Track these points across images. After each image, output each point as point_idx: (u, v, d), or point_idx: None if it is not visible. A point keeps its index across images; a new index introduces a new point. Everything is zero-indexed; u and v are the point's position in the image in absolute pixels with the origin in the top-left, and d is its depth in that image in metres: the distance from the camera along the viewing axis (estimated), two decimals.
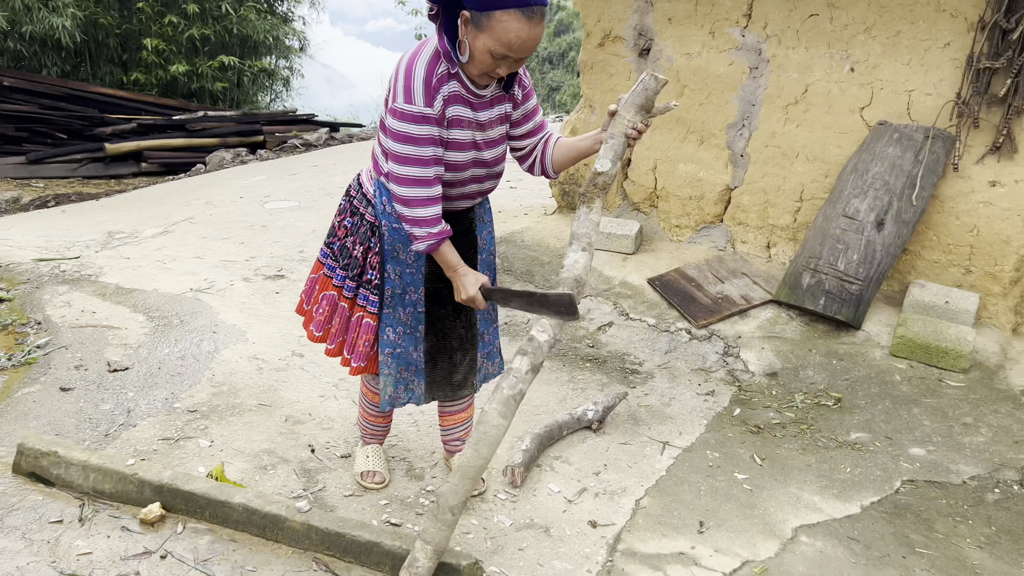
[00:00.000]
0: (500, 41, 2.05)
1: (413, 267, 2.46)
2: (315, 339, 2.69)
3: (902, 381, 3.69)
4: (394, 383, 2.60)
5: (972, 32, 3.77)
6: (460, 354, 2.63)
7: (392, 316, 2.51)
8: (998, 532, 2.84)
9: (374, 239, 2.47)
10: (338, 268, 2.59)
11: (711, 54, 4.51)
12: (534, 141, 2.49)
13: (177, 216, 6.63)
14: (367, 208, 2.49)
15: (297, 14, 19.28)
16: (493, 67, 2.14)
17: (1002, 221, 3.87)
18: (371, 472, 2.88)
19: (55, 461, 2.63)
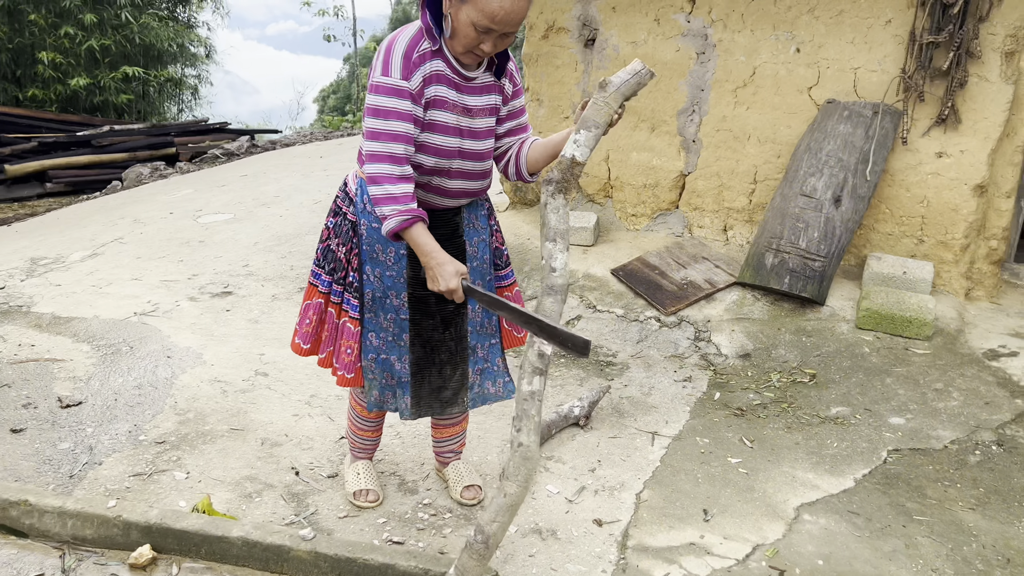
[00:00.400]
0: (483, 12, 1.97)
1: (393, 270, 2.33)
2: (303, 352, 2.53)
3: (871, 353, 3.78)
4: (379, 388, 2.47)
5: (912, 8, 3.88)
6: (450, 368, 2.48)
7: (373, 321, 2.39)
8: (986, 493, 2.92)
9: (355, 239, 2.35)
10: (323, 274, 2.47)
11: (657, 41, 4.52)
12: (513, 141, 2.40)
13: (104, 237, 6.28)
14: (349, 207, 2.37)
15: (200, 19, 18.68)
16: (477, 42, 2.05)
17: (950, 191, 4.00)
18: (364, 491, 2.75)
19: (26, 510, 2.42)
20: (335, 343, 2.48)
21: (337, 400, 3.57)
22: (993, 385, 3.53)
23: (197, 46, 18.32)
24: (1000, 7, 3.71)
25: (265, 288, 4.96)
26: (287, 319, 4.51)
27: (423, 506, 2.81)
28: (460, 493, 2.81)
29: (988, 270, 4.15)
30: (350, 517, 2.73)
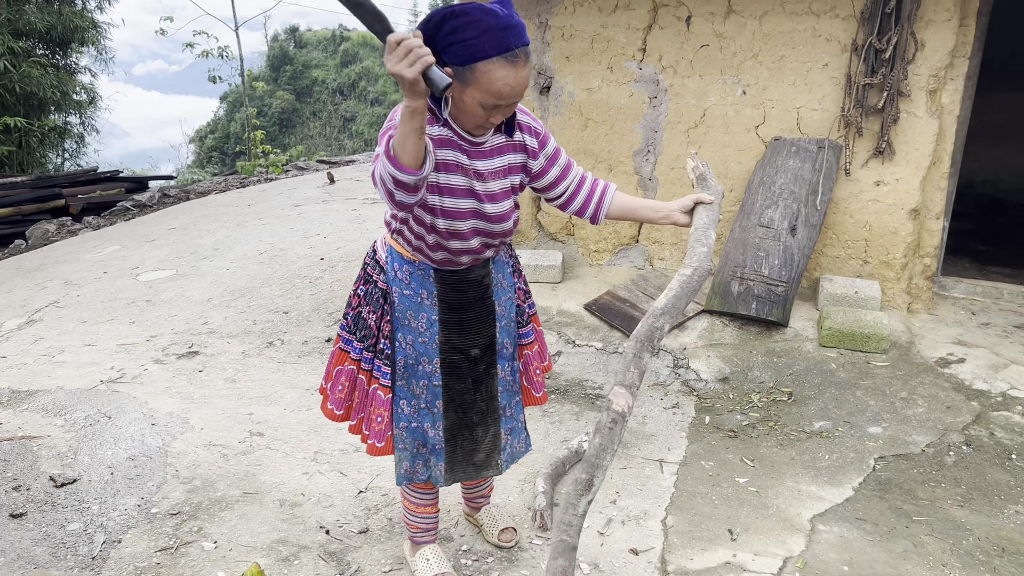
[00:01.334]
0: (488, 92, 1.97)
1: (426, 336, 2.33)
2: (336, 418, 2.48)
3: (838, 368, 4.09)
4: (410, 458, 2.43)
5: (847, 53, 4.28)
6: (481, 430, 2.46)
7: (406, 389, 2.37)
8: (968, 490, 3.23)
9: (386, 306, 2.34)
10: (355, 340, 2.43)
11: (611, 87, 4.78)
12: (569, 183, 2.39)
13: (37, 302, 5.99)
14: (379, 275, 2.36)
15: (81, 64, 17.96)
16: (486, 118, 2.05)
17: (889, 215, 4.40)
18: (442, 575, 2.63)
19: None
20: (365, 410, 2.46)
21: (342, 455, 3.58)
22: (950, 390, 3.89)
23: (80, 93, 17.59)
24: (924, 51, 4.15)
25: (232, 345, 4.87)
26: (265, 376, 4.45)
27: (463, 552, 2.87)
28: (497, 536, 2.87)
29: (924, 285, 4.57)
30: (396, 570, 2.76)
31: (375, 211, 7.77)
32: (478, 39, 1.90)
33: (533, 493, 3.16)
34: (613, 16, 4.72)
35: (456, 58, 1.94)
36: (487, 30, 1.90)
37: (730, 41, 4.49)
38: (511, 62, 1.94)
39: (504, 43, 1.92)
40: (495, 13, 1.92)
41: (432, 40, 1.95)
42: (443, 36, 1.94)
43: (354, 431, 2.50)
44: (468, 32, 1.90)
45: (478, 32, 1.90)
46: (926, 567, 2.75)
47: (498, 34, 1.91)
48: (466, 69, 1.94)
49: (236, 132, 41.94)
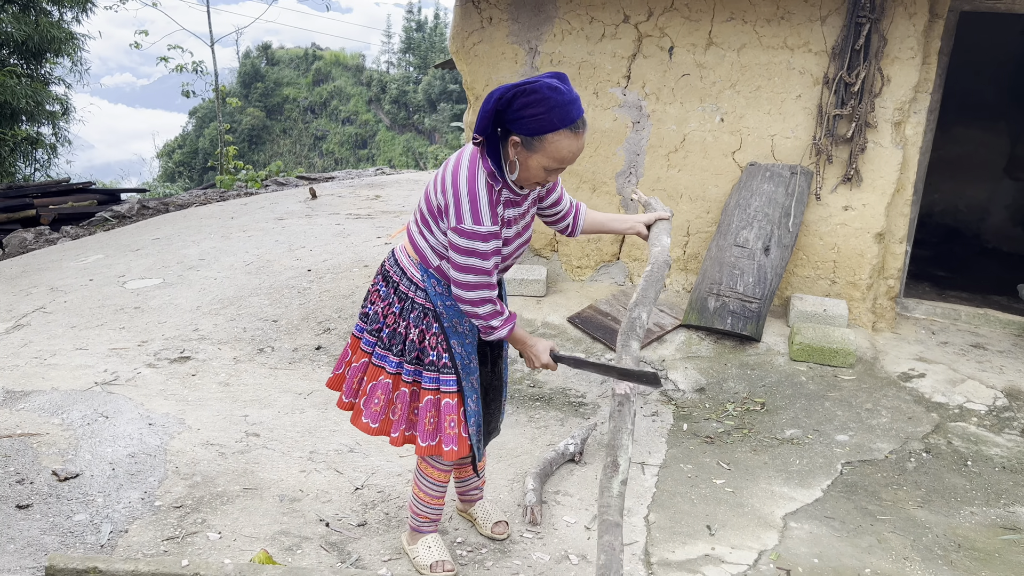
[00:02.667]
0: (554, 158, 2.25)
1: (470, 336, 2.59)
2: (372, 431, 2.66)
3: (808, 381, 4.33)
4: (478, 446, 2.70)
5: (819, 86, 4.57)
6: (495, 405, 2.82)
7: (469, 387, 2.61)
8: (928, 492, 3.47)
9: (428, 321, 2.54)
10: (391, 355, 2.60)
11: (596, 112, 5.02)
12: (561, 207, 2.72)
13: (23, 307, 6.04)
14: (416, 293, 2.54)
15: (55, 75, 17.91)
16: (546, 179, 2.34)
17: (856, 238, 4.68)
18: (439, 563, 2.79)
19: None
20: (419, 423, 2.63)
21: (337, 455, 3.71)
22: (911, 403, 4.15)
23: (53, 104, 17.52)
24: (890, 85, 4.45)
25: (223, 352, 4.99)
26: (257, 381, 4.57)
27: (458, 544, 3.02)
28: (491, 529, 3.04)
29: (888, 305, 4.85)
30: (395, 560, 2.91)
31: (359, 226, 7.92)
32: (548, 114, 2.18)
33: (523, 491, 3.33)
34: (600, 44, 4.97)
35: (526, 130, 2.22)
36: (555, 106, 2.18)
37: (710, 71, 4.76)
38: (575, 132, 2.24)
39: (569, 117, 2.21)
40: (560, 90, 2.19)
41: (501, 114, 2.23)
42: (513, 111, 2.21)
43: (396, 443, 2.66)
44: (539, 108, 2.18)
45: (547, 108, 2.17)
46: (889, 560, 2.97)
47: (564, 109, 2.19)
48: (535, 139, 2.22)
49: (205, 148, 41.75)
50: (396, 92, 51.48)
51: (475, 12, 5.20)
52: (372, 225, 8.04)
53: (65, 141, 18.40)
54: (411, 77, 53.19)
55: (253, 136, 49.06)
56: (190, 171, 41.63)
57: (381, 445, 3.80)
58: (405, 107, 51.35)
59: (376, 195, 10.16)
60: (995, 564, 2.99)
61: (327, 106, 53.37)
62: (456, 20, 5.30)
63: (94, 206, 11.84)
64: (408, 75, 53.89)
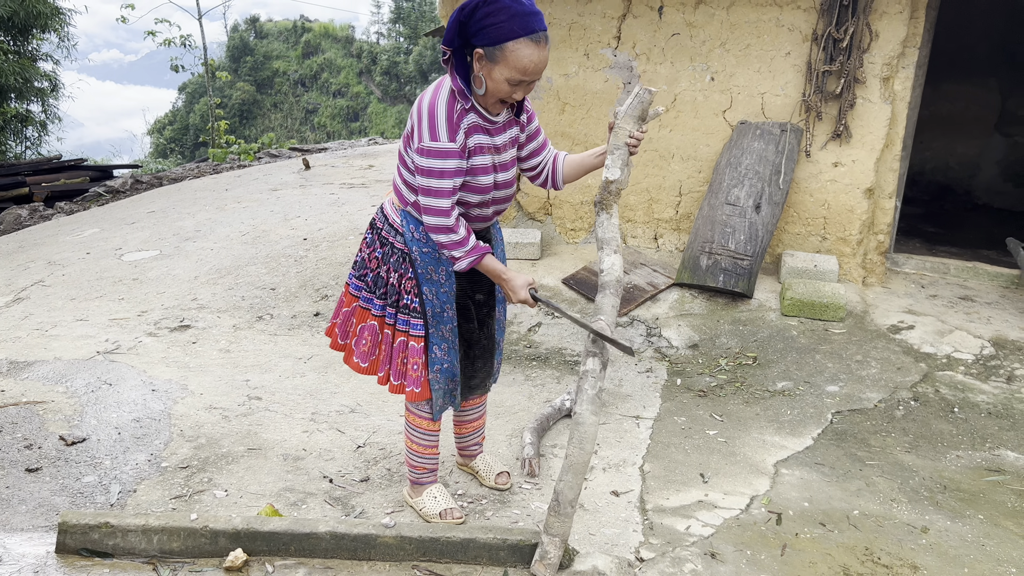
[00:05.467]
0: (516, 68, 2.29)
1: (446, 286, 2.64)
2: (363, 371, 2.76)
3: (799, 335, 4.41)
4: (443, 394, 2.77)
5: (808, 43, 4.59)
6: (480, 362, 2.86)
7: (437, 335, 2.67)
8: (915, 438, 3.56)
9: (405, 265, 2.63)
10: (375, 298, 2.70)
11: (587, 73, 5.04)
12: (542, 159, 2.73)
13: (21, 281, 6.08)
14: (396, 237, 2.64)
15: (43, 52, 17.73)
16: (510, 93, 2.36)
17: (846, 194, 4.73)
18: (448, 510, 2.86)
19: (108, 532, 2.54)
20: (391, 362, 2.72)
21: (339, 415, 3.79)
22: (900, 353, 4.23)
23: (42, 80, 17.37)
24: (878, 40, 4.47)
25: (223, 320, 5.04)
26: (258, 347, 4.64)
27: (459, 496, 3.10)
28: (495, 480, 3.13)
29: (878, 260, 4.91)
30: (397, 512, 2.99)
31: (353, 195, 7.95)
32: (508, 22, 2.23)
33: (520, 445, 3.41)
34: (589, 5, 4.97)
35: (488, 39, 2.26)
36: (515, 15, 2.23)
37: (699, 30, 4.78)
38: (536, 42, 2.28)
39: (530, 26, 2.26)
40: (521, 1, 2.25)
41: (464, 25, 2.27)
42: (475, 21, 2.26)
43: (382, 382, 2.78)
44: (499, 17, 2.23)
45: (508, 16, 2.23)
46: (877, 502, 3.07)
47: (524, 19, 2.25)
48: (496, 49, 2.27)
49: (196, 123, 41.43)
50: (387, 63, 50.99)
51: None
52: (366, 194, 8.07)
53: (55, 118, 18.26)
54: (401, 48, 52.66)
55: (244, 111, 48.67)
56: (181, 147, 41.36)
57: (381, 405, 3.88)
58: (396, 78, 50.90)
59: (370, 164, 10.17)
60: (979, 503, 3.08)
61: (317, 79, 52.89)
62: None
63: (87, 183, 11.83)
64: (399, 45, 53.34)
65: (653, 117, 2.68)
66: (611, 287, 2.51)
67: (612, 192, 2.59)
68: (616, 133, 2.60)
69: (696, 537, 2.83)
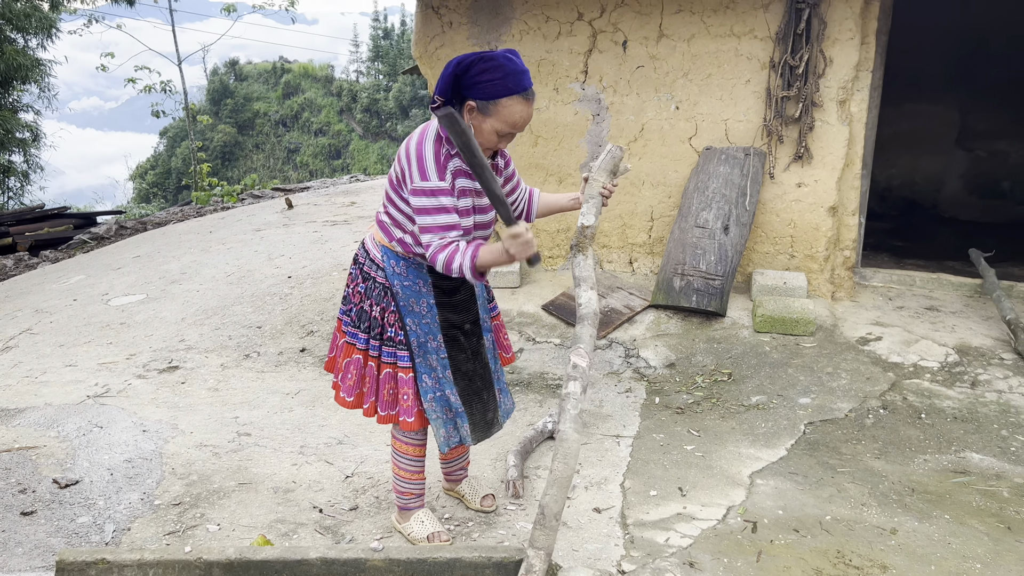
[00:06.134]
0: (507, 122, 2.47)
1: (428, 317, 2.76)
2: (349, 405, 2.84)
3: (771, 351, 4.55)
4: (444, 424, 2.84)
5: (765, 70, 4.80)
6: (486, 393, 2.92)
7: (424, 364, 2.78)
8: (884, 445, 3.70)
9: (388, 299, 2.75)
10: (359, 332, 2.81)
11: (558, 107, 5.22)
12: (516, 196, 2.89)
13: (9, 331, 6.15)
14: (377, 272, 2.76)
15: (24, 103, 17.88)
16: (497, 143, 2.55)
17: (810, 213, 4.91)
18: (435, 534, 2.95)
19: (105, 568, 2.62)
20: (378, 394, 2.83)
21: (327, 447, 3.88)
22: (869, 364, 4.38)
23: (23, 131, 17.51)
24: (832, 66, 4.69)
25: (210, 359, 5.14)
26: (245, 384, 4.73)
27: (446, 519, 3.20)
28: (480, 502, 3.23)
29: (845, 275, 5.08)
30: (386, 537, 3.08)
31: (336, 232, 8.08)
32: (503, 80, 2.41)
33: (505, 467, 3.52)
34: (556, 42, 5.17)
35: (482, 94, 2.43)
36: (509, 73, 2.41)
37: (663, 62, 4.98)
38: (526, 99, 2.47)
39: (522, 84, 2.44)
40: (514, 61, 2.44)
41: (460, 79, 2.43)
42: (471, 76, 2.42)
43: (368, 414, 2.87)
44: (495, 74, 2.40)
45: (503, 75, 2.41)
46: (848, 507, 3.19)
47: (517, 77, 2.43)
48: (490, 103, 2.44)
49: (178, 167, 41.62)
50: (367, 101, 51.49)
51: (435, 18, 5.39)
52: (349, 231, 8.20)
53: (37, 168, 18.37)
54: (381, 85, 53.23)
55: (226, 153, 48.88)
56: (164, 191, 41.46)
57: (368, 436, 3.98)
58: (377, 115, 51.38)
59: (352, 201, 10.32)
60: (946, 504, 3.21)
61: (298, 119, 53.30)
62: (418, 26, 5.49)
63: (70, 230, 11.91)
64: (378, 83, 53.91)
65: (623, 172, 2.90)
66: (589, 319, 2.67)
67: (587, 236, 2.78)
68: (591, 184, 2.79)
69: (675, 548, 2.94)
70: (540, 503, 2.54)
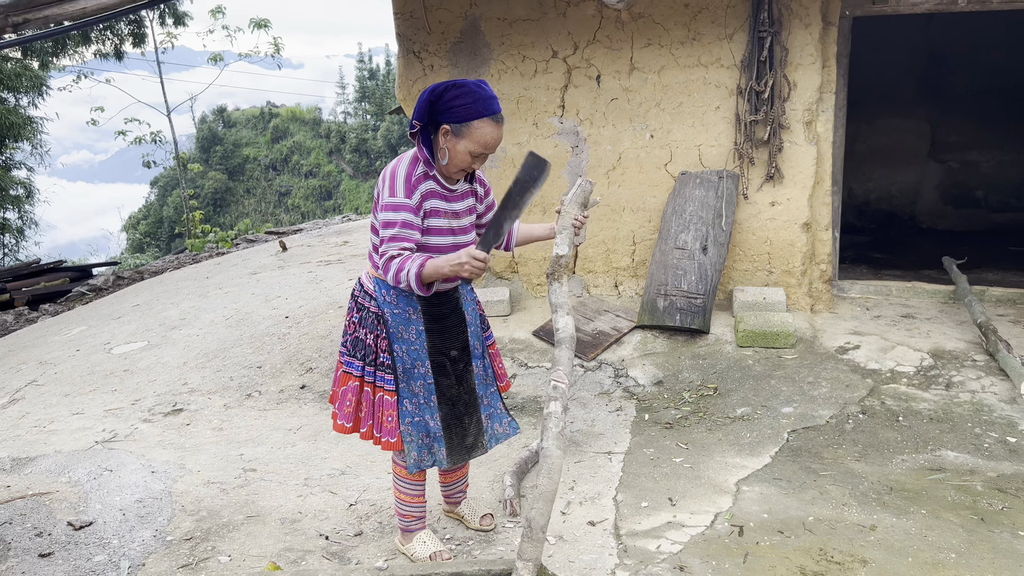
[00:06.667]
0: (478, 142, 2.67)
1: (416, 344, 2.93)
2: (346, 430, 2.99)
3: (754, 364, 4.73)
4: (417, 448, 2.97)
5: (733, 96, 5.03)
6: (467, 418, 3.06)
7: (407, 390, 2.94)
8: (864, 448, 3.86)
9: (380, 326, 2.92)
10: (355, 360, 2.98)
11: (538, 141, 5.45)
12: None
13: (15, 383, 6.30)
14: (370, 302, 2.94)
15: (16, 160, 18.14)
16: (470, 164, 2.75)
17: (785, 230, 5.12)
18: (437, 552, 3.10)
19: None
20: (374, 417, 2.99)
21: (330, 478, 4.03)
22: (848, 372, 4.55)
23: (17, 188, 17.75)
24: (796, 90, 4.93)
25: (213, 400, 5.29)
26: (248, 423, 4.88)
27: (447, 540, 3.34)
28: (479, 521, 3.37)
29: (823, 288, 5.28)
30: (391, 559, 3.23)
31: (331, 271, 8.27)
32: (473, 104, 2.63)
33: (502, 487, 3.67)
34: (534, 80, 5.41)
35: (455, 118, 2.65)
36: (479, 99, 2.64)
37: (635, 93, 5.21)
38: (496, 122, 2.69)
39: (491, 108, 2.67)
40: (483, 87, 2.68)
41: (434, 104, 2.66)
42: (444, 102, 2.65)
43: (365, 437, 3.03)
44: (466, 99, 2.63)
45: (473, 100, 2.64)
46: (829, 508, 3.35)
47: (487, 102, 2.66)
48: (463, 126, 2.65)
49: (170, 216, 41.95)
50: (356, 141, 52.02)
51: (417, 62, 5.63)
52: (343, 269, 8.39)
53: (31, 223, 18.60)
54: (369, 125, 53.83)
55: (217, 199, 49.20)
56: (157, 240, 41.71)
57: (370, 465, 4.13)
58: (366, 154, 51.88)
59: (344, 241, 10.52)
60: (923, 500, 3.37)
61: (288, 162, 53.80)
62: (400, 70, 5.73)
63: (66, 284, 12.08)
64: (366, 123, 54.52)
65: (593, 204, 3.11)
66: (566, 343, 2.86)
67: (562, 265, 2.97)
68: (563, 216, 2.97)
69: (666, 555, 3.09)
70: (527, 517, 2.69)
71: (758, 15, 4.83)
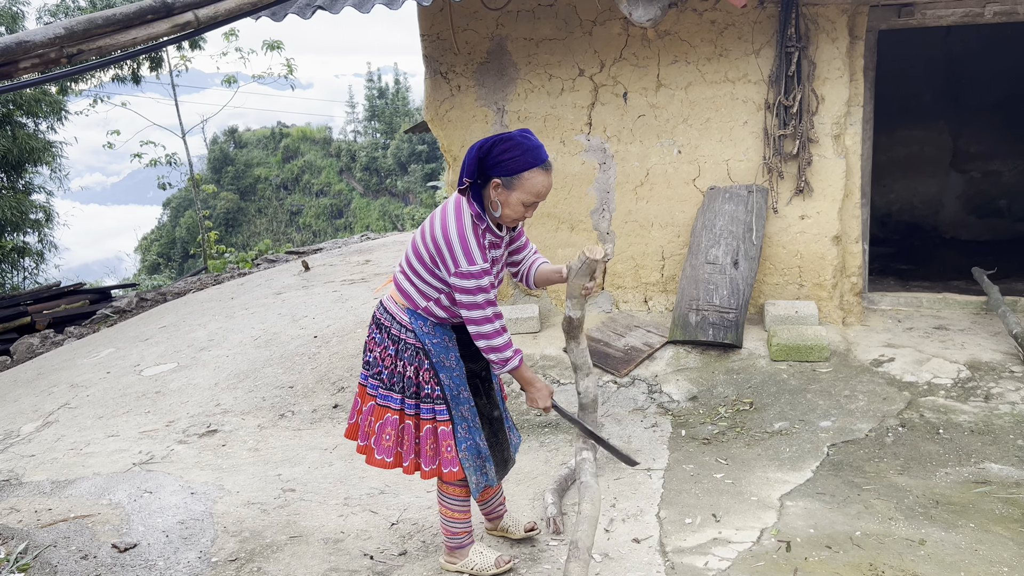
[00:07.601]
0: (531, 192, 2.73)
1: (457, 369, 2.98)
2: (388, 466, 3.03)
3: (789, 378, 4.72)
4: (475, 471, 3.03)
5: (761, 111, 5.06)
6: (501, 434, 3.15)
7: (458, 415, 2.98)
8: (906, 461, 3.84)
9: (420, 358, 2.96)
10: (393, 393, 3.00)
11: (565, 158, 5.48)
12: (522, 257, 3.11)
13: (48, 406, 6.35)
14: (407, 334, 2.96)
15: (36, 184, 18.34)
16: (523, 213, 2.80)
17: (816, 243, 5.12)
18: (500, 557, 3.16)
19: None
20: (421, 451, 3.01)
21: (370, 497, 4.04)
22: (885, 384, 4.54)
23: (36, 212, 17.93)
24: (824, 103, 4.95)
25: (247, 421, 5.32)
26: (284, 443, 4.90)
27: None
28: (524, 530, 3.39)
29: (854, 301, 5.27)
30: None
31: (355, 290, 8.31)
32: (522, 156, 2.68)
33: (544, 506, 3.67)
34: (560, 98, 5.46)
35: (506, 171, 2.70)
36: (528, 149, 2.69)
37: (663, 110, 5.25)
38: (545, 170, 2.74)
39: (540, 157, 2.71)
40: (529, 138, 2.71)
41: (483, 160, 2.71)
42: (492, 157, 2.70)
43: (409, 471, 3.07)
44: (515, 152, 2.68)
45: (521, 152, 2.68)
46: (876, 522, 3.33)
47: (534, 152, 2.70)
48: (514, 178, 2.70)
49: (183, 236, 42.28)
50: (366, 159, 52.33)
51: (444, 83, 5.69)
52: (367, 288, 8.43)
53: (51, 247, 18.79)
54: (379, 143, 54.12)
55: (229, 219, 49.53)
56: (170, 261, 42.03)
57: (409, 484, 4.14)
58: (377, 172, 52.16)
59: (366, 260, 10.57)
60: (970, 513, 3.35)
61: (299, 181, 54.11)
62: (428, 91, 5.79)
63: (86, 306, 12.19)
64: (376, 141, 54.83)
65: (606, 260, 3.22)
66: (590, 407, 2.97)
67: (576, 326, 3.07)
68: (571, 286, 2.99)
69: (714, 571, 3.08)
70: (572, 539, 2.72)
71: (785, 31, 4.86)
